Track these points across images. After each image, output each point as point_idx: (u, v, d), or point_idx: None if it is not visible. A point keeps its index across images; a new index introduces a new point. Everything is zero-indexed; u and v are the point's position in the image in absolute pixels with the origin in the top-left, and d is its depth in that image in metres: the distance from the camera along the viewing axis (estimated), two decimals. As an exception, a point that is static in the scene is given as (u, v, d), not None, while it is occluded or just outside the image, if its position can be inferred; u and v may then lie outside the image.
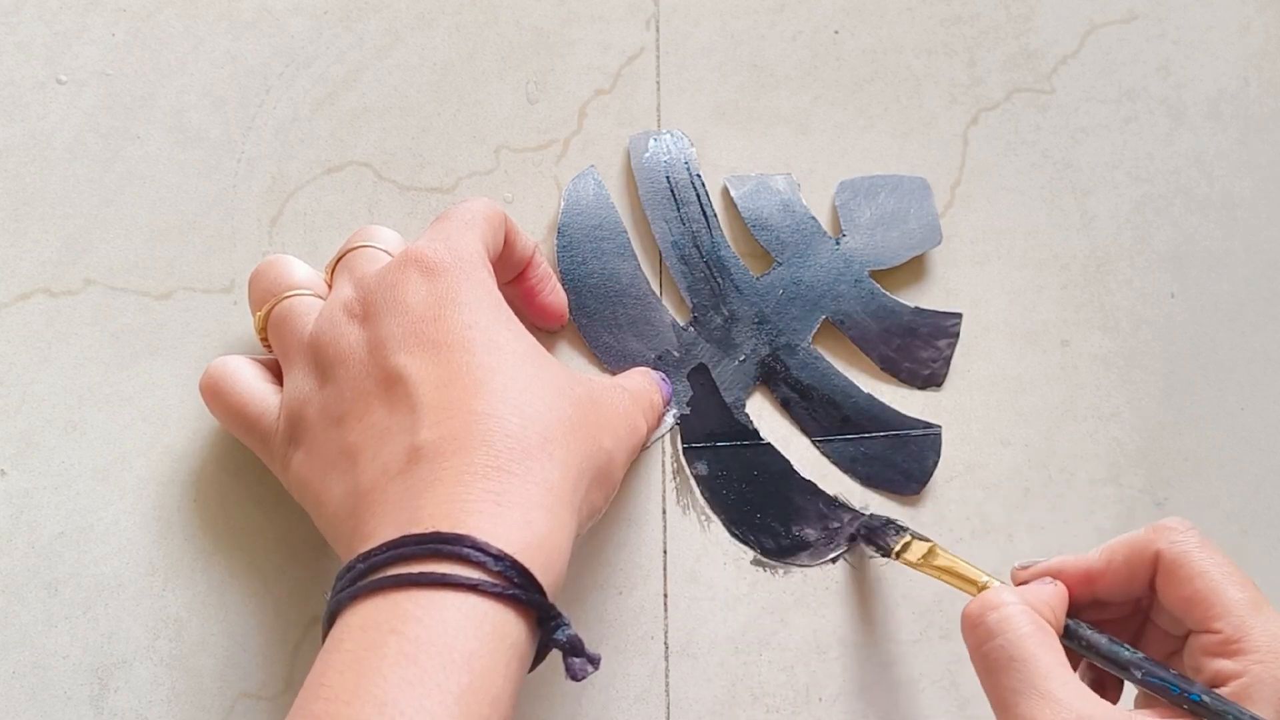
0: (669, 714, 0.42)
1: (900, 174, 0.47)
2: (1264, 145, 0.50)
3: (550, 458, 0.34)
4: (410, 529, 0.32)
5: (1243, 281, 0.49)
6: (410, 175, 0.45)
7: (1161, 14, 0.51)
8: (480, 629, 0.30)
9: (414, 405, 0.34)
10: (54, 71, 0.44)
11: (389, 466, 0.34)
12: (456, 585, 0.30)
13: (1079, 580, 0.38)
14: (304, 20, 0.46)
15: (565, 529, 0.34)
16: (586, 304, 0.44)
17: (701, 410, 0.45)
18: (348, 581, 0.32)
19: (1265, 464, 0.47)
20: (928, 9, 0.49)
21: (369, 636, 0.30)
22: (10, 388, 0.42)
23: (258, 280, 0.40)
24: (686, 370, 0.45)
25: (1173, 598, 0.36)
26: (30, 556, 0.40)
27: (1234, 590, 0.35)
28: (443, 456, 0.33)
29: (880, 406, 0.46)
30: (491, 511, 0.32)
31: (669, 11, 0.48)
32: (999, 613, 0.36)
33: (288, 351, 0.38)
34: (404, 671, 0.29)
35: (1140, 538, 0.37)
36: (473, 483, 0.32)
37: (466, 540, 0.31)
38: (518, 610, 0.31)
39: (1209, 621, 0.35)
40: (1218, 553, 0.36)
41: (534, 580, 0.32)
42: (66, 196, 0.43)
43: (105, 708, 0.40)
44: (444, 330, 0.35)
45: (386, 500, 0.33)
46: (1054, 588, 0.38)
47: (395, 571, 0.31)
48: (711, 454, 0.44)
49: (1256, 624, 0.34)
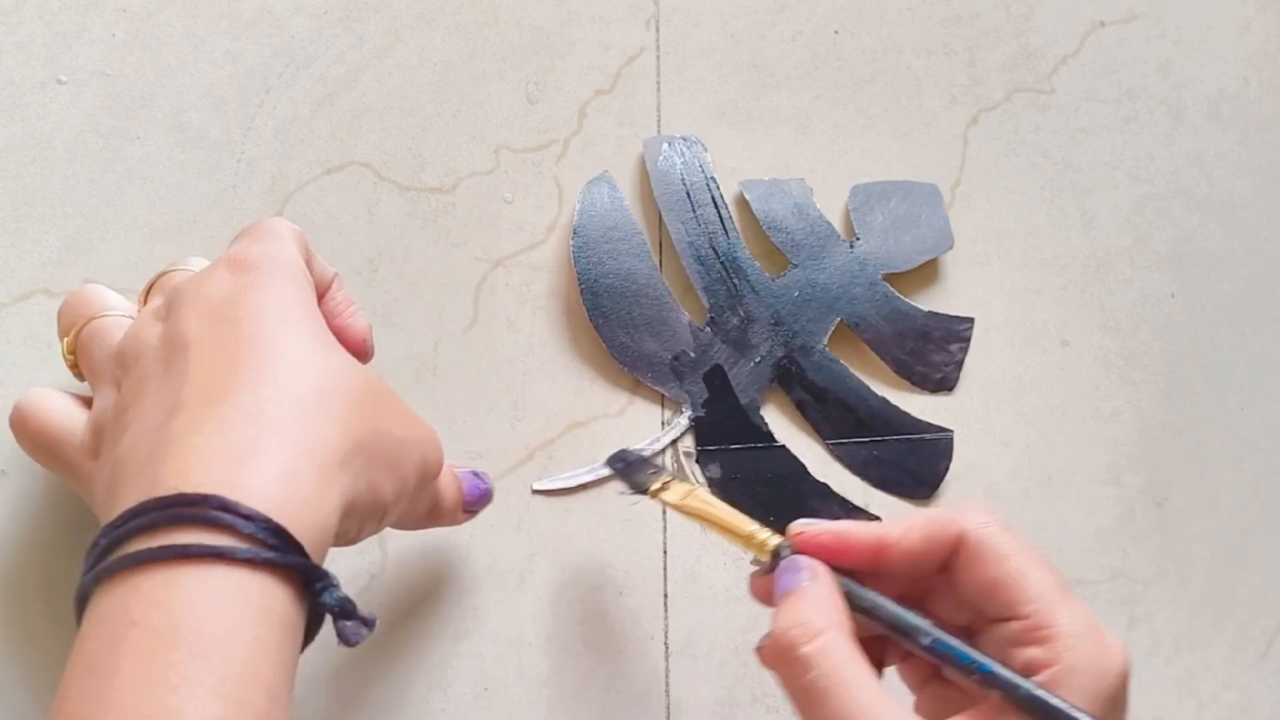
0: (669, 714, 0.42)
1: (911, 180, 0.47)
2: (1264, 145, 0.50)
3: (327, 413, 0.30)
4: (151, 491, 0.28)
5: (1243, 282, 0.49)
6: (410, 175, 0.45)
7: (1161, 14, 0.51)
8: (234, 604, 0.27)
9: (186, 368, 0.31)
10: (54, 71, 0.44)
11: (148, 427, 0.30)
12: (201, 556, 0.27)
13: (869, 548, 0.34)
14: (304, 20, 0.46)
15: (334, 489, 0.30)
16: (603, 304, 0.44)
17: (716, 412, 0.45)
18: (90, 563, 0.28)
19: (1265, 464, 0.47)
20: (928, 9, 0.49)
21: (108, 631, 0.26)
22: (10, 388, 0.42)
23: (66, 310, 0.37)
24: (702, 371, 0.45)
25: (975, 581, 0.33)
26: (31, 557, 0.40)
27: (1040, 574, 0.33)
28: (200, 404, 0.29)
29: (893, 410, 0.46)
30: (245, 461, 0.28)
31: (669, 11, 0.48)
32: (815, 645, 0.32)
33: (95, 369, 0.35)
34: (145, 669, 0.25)
35: (945, 516, 0.34)
36: (229, 430, 0.29)
37: (213, 500, 0.27)
38: (278, 576, 0.28)
39: (1015, 607, 0.32)
40: (1023, 538, 0.34)
41: (292, 540, 0.28)
42: (66, 196, 0.43)
43: (105, 708, 0.40)
44: (236, 309, 0.32)
45: (137, 461, 0.29)
46: (830, 579, 0.34)
47: (136, 547, 0.27)
48: (726, 456, 0.44)
49: (1063, 608, 0.32)
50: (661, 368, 0.45)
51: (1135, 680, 0.44)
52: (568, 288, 0.45)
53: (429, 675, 0.41)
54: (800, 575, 0.34)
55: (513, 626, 0.42)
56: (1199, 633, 0.45)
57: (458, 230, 0.45)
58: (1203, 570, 0.46)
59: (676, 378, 0.45)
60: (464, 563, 0.42)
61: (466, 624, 0.42)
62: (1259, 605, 0.46)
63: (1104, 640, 0.32)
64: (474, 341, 0.44)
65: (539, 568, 0.42)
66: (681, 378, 0.45)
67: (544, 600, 0.42)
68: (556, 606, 0.42)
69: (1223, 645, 0.45)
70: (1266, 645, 0.45)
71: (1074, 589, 0.44)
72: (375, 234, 0.45)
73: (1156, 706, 0.44)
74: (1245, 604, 0.46)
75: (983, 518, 0.34)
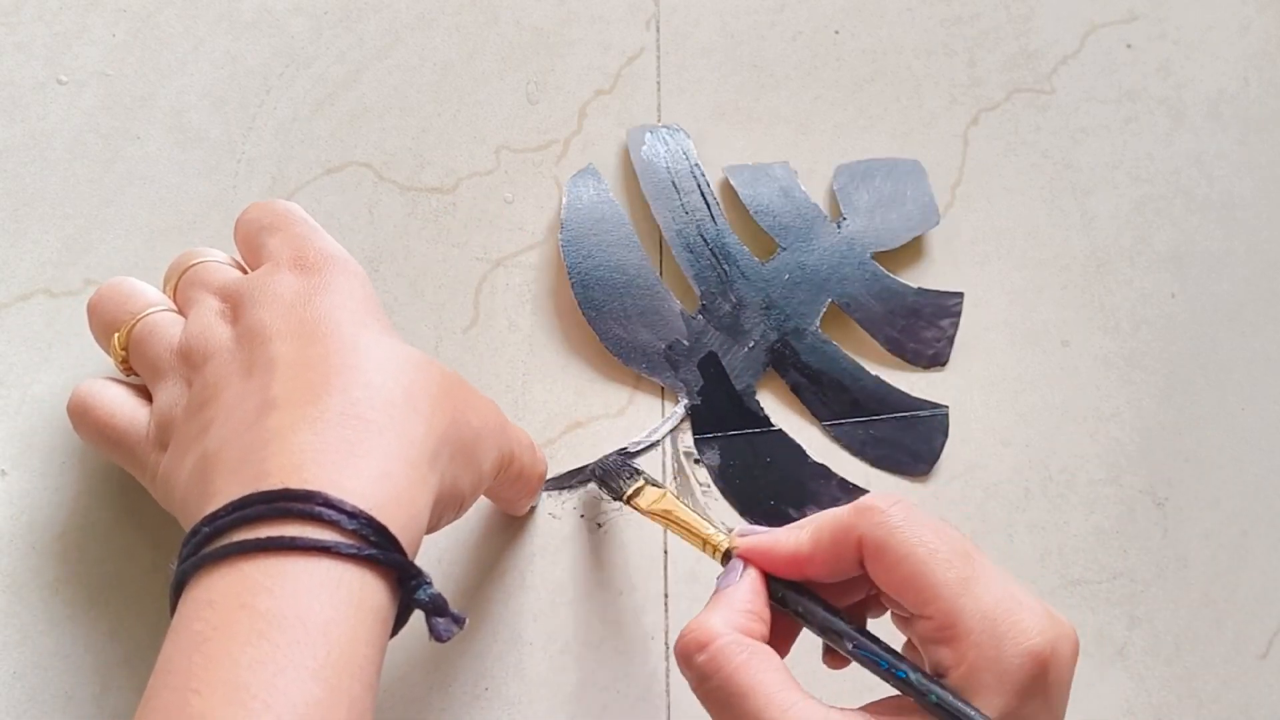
0: (669, 714, 0.42)
1: (894, 157, 0.47)
2: (1264, 145, 0.50)
3: (415, 411, 0.32)
4: (257, 485, 0.29)
5: (1243, 282, 0.49)
6: (410, 175, 0.45)
7: (1161, 14, 0.51)
8: (336, 595, 0.28)
9: (271, 366, 0.32)
10: (54, 72, 0.44)
11: (239, 425, 0.32)
12: (308, 549, 0.28)
13: (787, 563, 0.35)
14: (304, 20, 0.46)
15: (426, 487, 0.31)
16: (595, 297, 0.44)
17: (712, 399, 0.45)
18: (192, 549, 0.29)
19: (1265, 464, 0.47)
20: (928, 9, 0.49)
21: (216, 613, 0.28)
22: (10, 388, 0.42)
23: (103, 306, 0.38)
24: (697, 359, 0.45)
25: (884, 583, 0.33)
26: (31, 557, 0.40)
27: (941, 570, 0.32)
28: (294, 405, 0.31)
29: (888, 389, 0.46)
30: (345, 462, 0.30)
31: (669, 11, 0.48)
32: (706, 653, 0.32)
33: (156, 365, 0.36)
34: (254, 650, 0.27)
35: (844, 520, 0.33)
36: (325, 430, 0.30)
37: (318, 497, 0.29)
38: (376, 571, 0.29)
39: (921, 607, 0.32)
40: (924, 528, 0.32)
41: (392, 538, 0.30)
42: (67, 197, 0.43)
43: (107, 707, 0.40)
44: (313, 310, 0.34)
45: (232, 456, 0.31)
46: (750, 583, 0.34)
47: (242, 537, 0.29)
48: (723, 443, 0.44)
49: (967, 604, 0.31)
50: (656, 357, 0.45)
51: (1136, 679, 0.44)
52: (568, 287, 0.45)
53: (429, 675, 0.41)
54: (729, 578, 0.35)
55: (513, 626, 0.42)
56: (1199, 633, 0.45)
57: (458, 230, 0.45)
58: (1203, 570, 0.46)
59: (671, 367, 0.45)
60: (464, 563, 0.42)
61: (467, 624, 0.42)
62: (1259, 605, 0.46)
63: (1011, 632, 0.31)
64: (474, 341, 0.44)
65: (539, 568, 0.42)
66: (676, 367, 0.45)
67: (544, 600, 0.42)
68: (556, 606, 0.42)
69: (1223, 645, 0.45)
70: (1267, 645, 0.45)
71: (1074, 589, 0.45)
72: (375, 234, 0.45)
73: (1157, 706, 0.44)
74: (1245, 604, 0.46)
75: (877, 517, 0.33)
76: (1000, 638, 0.31)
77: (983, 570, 0.32)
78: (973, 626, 0.31)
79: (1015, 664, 0.31)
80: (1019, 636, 0.31)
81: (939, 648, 0.32)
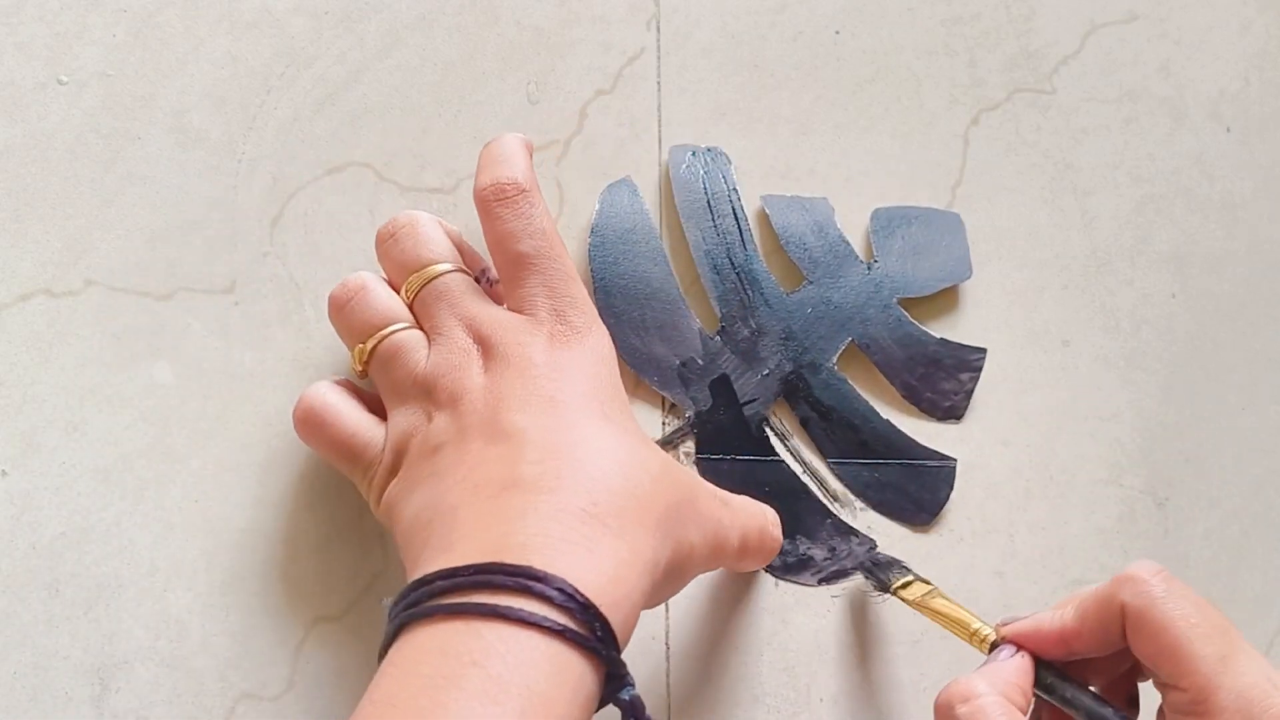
0: (669, 714, 0.42)
1: (934, 207, 0.47)
2: (1264, 145, 0.50)
3: (647, 530, 0.33)
4: (500, 556, 0.31)
5: (1244, 282, 0.49)
6: (411, 176, 0.45)
7: (1162, 14, 0.51)
8: (560, 676, 0.30)
9: (518, 442, 0.34)
10: (55, 72, 0.44)
11: (480, 488, 0.33)
12: (543, 628, 0.30)
13: (1055, 641, 0.37)
14: (304, 21, 0.46)
15: (642, 597, 0.33)
16: (615, 305, 0.44)
17: (719, 421, 0.45)
18: (425, 595, 0.31)
19: (1265, 464, 0.47)
20: (928, 9, 0.49)
21: (449, 664, 0.29)
22: (11, 388, 0.42)
23: (349, 309, 0.39)
24: (709, 379, 0.45)
25: (1142, 653, 0.35)
26: (31, 557, 0.40)
27: (1200, 645, 0.33)
28: (540, 491, 0.33)
29: (898, 434, 0.46)
30: (583, 557, 0.31)
31: (670, 12, 0.48)
32: (969, 705, 0.35)
33: (397, 388, 0.38)
34: (484, 710, 0.28)
35: (1106, 592, 0.36)
36: (569, 523, 0.32)
37: (556, 581, 0.30)
38: (593, 663, 0.31)
39: (1177, 679, 0.34)
40: (1185, 600, 0.34)
41: (614, 635, 0.31)
42: (67, 197, 0.43)
43: (106, 708, 0.40)
44: (564, 390, 0.35)
45: (474, 519, 0.33)
46: (1019, 661, 0.37)
47: (480, 600, 0.30)
48: (725, 466, 0.44)
49: (1224, 682, 0.33)
50: (669, 372, 0.45)
51: (1136, 680, 0.44)
52: (568, 288, 0.45)
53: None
54: (999, 656, 0.37)
55: (513, 627, 0.42)
56: (1199, 633, 0.45)
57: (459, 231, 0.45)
58: (1203, 570, 0.46)
59: (683, 383, 0.45)
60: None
61: None
62: (1259, 605, 0.46)
63: (1266, 711, 0.32)
64: (475, 342, 0.44)
65: (540, 568, 0.42)
66: (688, 384, 0.45)
67: (545, 600, 0.42)
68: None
69: (1223, 645, 0.45)
70: (1267, 645, 0.46)
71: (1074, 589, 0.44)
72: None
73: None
74: (1245, 604, 0.46)
75: (1140, 587, 0.35)
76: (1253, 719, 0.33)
77: (1240, 649, 0.34)
78: (1226, 705, 0.33)
79: None
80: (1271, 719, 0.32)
81: (1190, 719, 0.33)
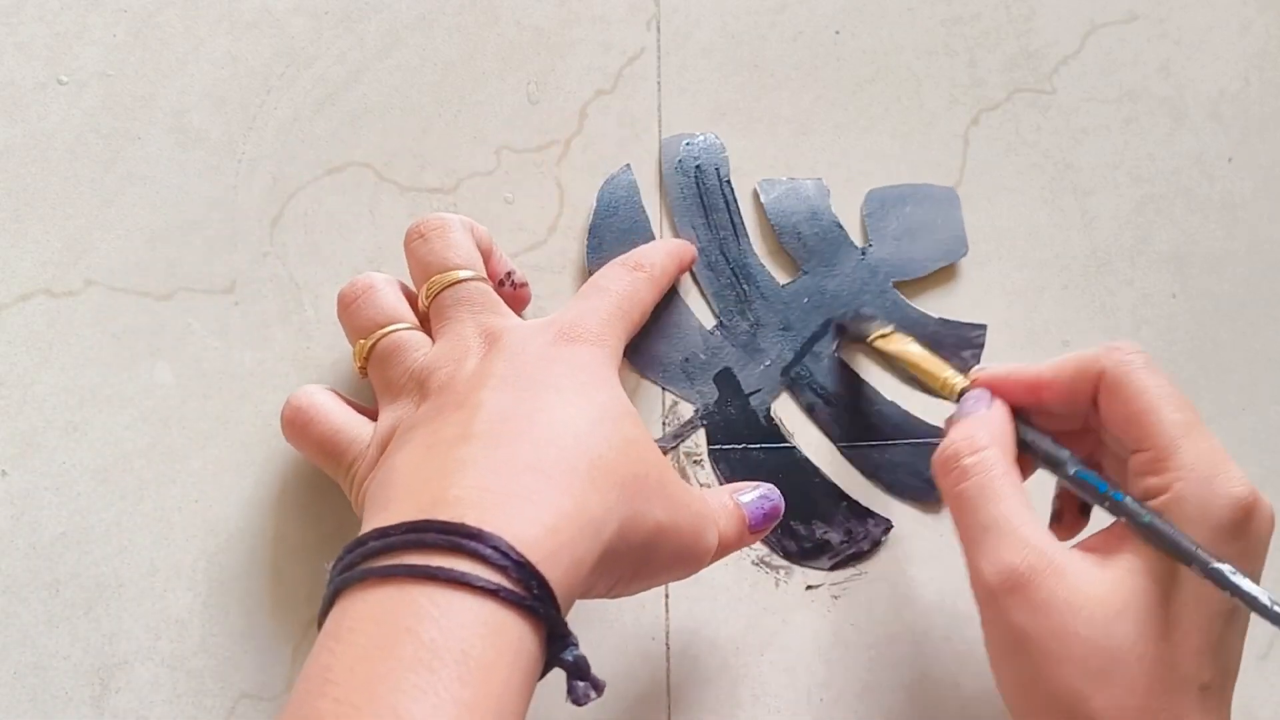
0: (669, 714, 0.42)
1: (928, 183, 0.47)
2: (1264, 145, 0.50)
3: (595, 488, 0.32)
4: (434, 513, 0.30)
5: (1244, 282, 0.49)
6: (411, 176, 0.45)
7: (1162, 14, 0.51)
8: (498, 639, 0.29)
9: (480, 407, 0.34)
10: (55, 72, 0.44)
11: (433, 448, 0.33)
12: (476, 588, 0.29)
13: (1026, 388, 0.38)
14: (304, 21, 0.46)
15: (589, 552, 0.32)
16: None
17: (727, 413, 0.45)
18: (358, 557, 0.30)
19: (1266, 464, 0.47)
20: (928, 9, 0.49)
21: (382, 632, 0.29)
22: (11, 388, 0.42)
23: (355, 308, 0.39)
24: (712, 374, 0.45)
25: (1112, 416, 0.36)
26: (31, 557, 0.40)
27: (1169, 411, 0.35)
28: (487, 445, 0.32)
29: (903, 415, 0.46)
30: (520, 509, 0.31)
31: (670, 12, 0.48)
32: (977, 456, 0.36)
33: (392, 383, 0.38)
34: (418, 678, 0.28)
35: (1088, 355, 0.37)
36: (510, 475, 0.31)
37: (490, 539, 0.30)
38: (532, 623, 0.30)
39: (1143, 440, 0.35)
40: (1160, 375, 0.36)
41: (552, 594, 0.30)
42: (67, 197, 0.43)
43: (106, 708, 0.40)
44: (544, 372, 0.35)
45: (416, 474, 0.32)
46: (1004, 411, 0.38)
47: (412, 560, 0.29)
48: (737, 456, 0.44)
49: (1186, 443, 0.34)
50: (672, 369, 0.45)
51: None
52: (569, 288, 0.45)
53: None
54: (979, 403, 0.38)
55: (513, 627, 0.42)
56: (1200, 633, 0.45)
57: (458, 230, 0.45)
58: (1203, 570, 0.46)
59: (687, 379, 0.45)
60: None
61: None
62: (1260, 605, 0.46)
63: (1222, 475, 0.34)
64: (475, 342, 0.44)
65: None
66: (692, 379, 0.45)
67: (545, 600, 0.42)
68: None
69: (1223, 645, 0.45)
70: (1267, 645, 0.45)
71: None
72: (376, 234, 0.45)
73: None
74: (1246, 604, 0.46)
75: (1122, 355, 0.36)
76: (1210, 478, 0.34)
77: (1202, 425, 0.35)
78: (1186, 461, 0.34)
79: (1220, 503, 0.33)
80: (1228, 482, 0.34)
81: (1149, 477, 0.35)
